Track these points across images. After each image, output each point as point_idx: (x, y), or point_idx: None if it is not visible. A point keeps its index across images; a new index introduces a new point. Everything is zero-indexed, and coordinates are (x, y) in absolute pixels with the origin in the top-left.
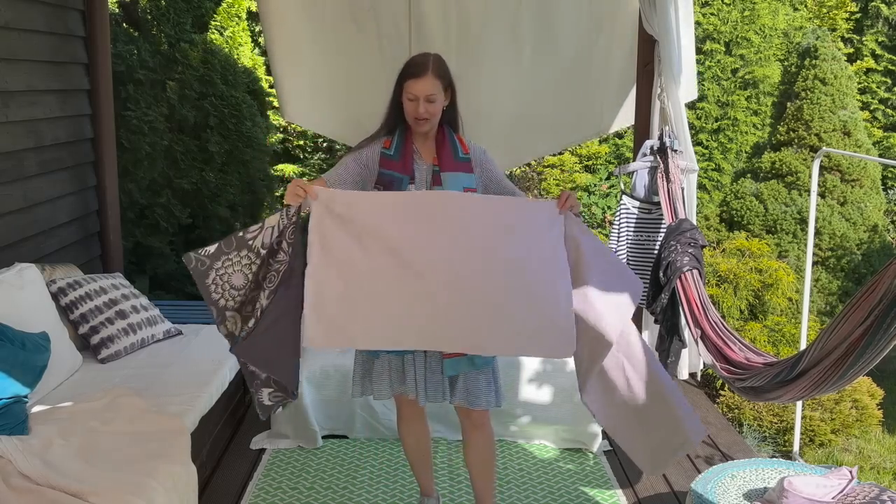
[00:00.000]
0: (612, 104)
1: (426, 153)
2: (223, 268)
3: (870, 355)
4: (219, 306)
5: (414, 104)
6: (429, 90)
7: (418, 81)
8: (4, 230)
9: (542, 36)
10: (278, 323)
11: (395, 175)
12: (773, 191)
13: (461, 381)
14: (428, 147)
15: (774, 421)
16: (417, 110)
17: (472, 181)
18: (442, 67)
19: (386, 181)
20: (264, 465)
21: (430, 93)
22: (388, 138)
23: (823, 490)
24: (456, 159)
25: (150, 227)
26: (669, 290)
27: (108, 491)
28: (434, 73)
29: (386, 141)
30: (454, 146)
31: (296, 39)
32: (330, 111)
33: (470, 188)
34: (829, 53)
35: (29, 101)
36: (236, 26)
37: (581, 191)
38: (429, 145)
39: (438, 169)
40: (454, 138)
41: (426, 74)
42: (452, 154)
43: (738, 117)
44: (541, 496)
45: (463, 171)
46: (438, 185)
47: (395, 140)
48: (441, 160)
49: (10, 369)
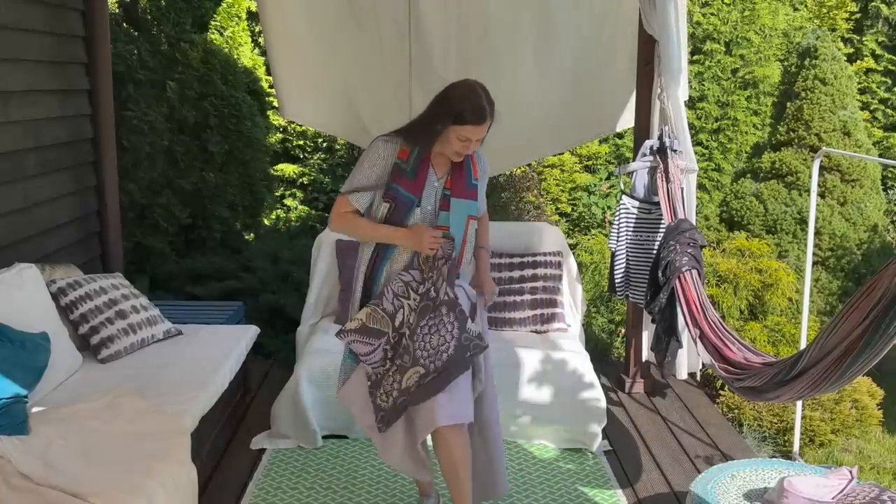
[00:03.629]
0: (614, 105)
1: (440, 167)
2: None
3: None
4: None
5: (465, 144)
6: (483, 133)
7: (477, 128)
8: (4, 230)
9: (543, 36)
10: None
11: (405, 195)
12: (773, 191)
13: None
14: (442, 161)
15: (774, 421)
16: (467, 150)
17: (474, 209)
18: (493, 106)
19: (394, 197)
20: (264, 465)
21: (483, 135)
22: (405, 147)
23: (823, 490)
24: (468, 186)
25: (150, 227)
26: (668, 289)
27: (108, 491)
28: (490, 117)
29: (403, 151)
30: (469, 173)
31: (296, 37)
32: (330, 109)
33: (472, 216)
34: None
35: (29, 101)
36: (236, 26)
37: (581, 191)
38: (444, 160)
39: (450, 193)
40: (470, 164)
41: (485, 123)
42: (466, 180)
43: (738, 117)
44: (541, 496)
45: (470, 198)
46: (445, 211)
47: (413, 154)
48: (454, 184)
49: (10, 369)
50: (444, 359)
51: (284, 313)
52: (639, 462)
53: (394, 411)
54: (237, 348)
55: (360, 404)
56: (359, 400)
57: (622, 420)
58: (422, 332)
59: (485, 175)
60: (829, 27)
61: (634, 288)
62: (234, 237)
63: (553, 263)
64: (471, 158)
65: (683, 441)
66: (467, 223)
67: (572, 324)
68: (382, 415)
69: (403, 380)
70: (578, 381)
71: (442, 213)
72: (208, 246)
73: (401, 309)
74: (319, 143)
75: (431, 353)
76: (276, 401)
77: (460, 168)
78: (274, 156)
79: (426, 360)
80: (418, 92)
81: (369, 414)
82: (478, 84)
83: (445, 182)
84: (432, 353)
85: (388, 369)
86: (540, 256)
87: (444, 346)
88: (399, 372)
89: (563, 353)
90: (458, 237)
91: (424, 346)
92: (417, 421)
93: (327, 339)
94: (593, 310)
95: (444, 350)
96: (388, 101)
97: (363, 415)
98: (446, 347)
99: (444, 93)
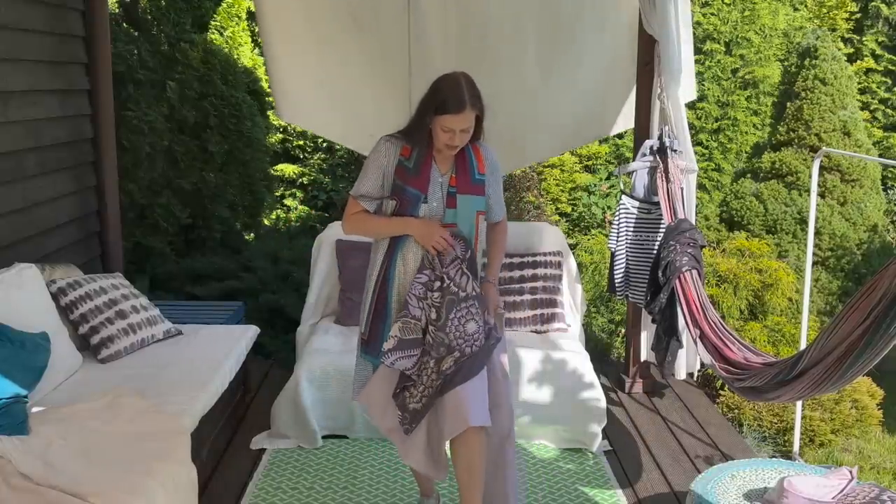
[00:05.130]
0: (616, 105)
1: (443, 164)
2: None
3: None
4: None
5: (449, 135)
6: (466, 123)
7: (457, 117)
8: (4, 230)
9: (544, 36)
10: None
11: (411, 191)
12: (773, 191)
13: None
14: (446, 157)
15: (774, 421)
16: (453, 142)
17: (482, 204)
18: (476, 96)
19: (400, 194)
20: (264, 465)
21: (467, 126)
22: (407, 146)
23: (823, 490)
24: (473, 182)
25: (150, 227)
26: (668, 290)
27: (108, 491)
28: (472, 106)
29: (405, 149)
30: (472, 167)
31: (294, 37)
32: (328, 110)
33: (480, 211)
34: (829, 53)
35: (29, 101)
36: (236, 26)
37: (581, 191)
38: (446, 155)
39: (455, 190)
40: (473, 157)
41: (465, 111)
42: (470, 176)
43: (738, 117)
44: (541, 496)
45: (477, 193)
46: (452, 208)
47: (415, 152)
48: (459, 181)
49: (10, 369)
50: (480, 343)
51: (284, 313)
52: (639, 462)
53: (424, 409)
54: (237, 348)
55: (381, 406)
56: (380, 401)
57: (622, 420)
58: (453, 323)
59: (495, 169)
60: (829, 27)
61: (634, 288)
62: (234, 237)
63: (553, 263)
64: (475, 151)
65: (683, 441)
66: (476, 219)
67: (572, 324)
68: (409, 416)
69: (441, 367)
70: (578, 381)
71: (449, 210)
72: (208, 246)
73: (423, 310)
74: (319, 143)
75: (469, 339)
76: (276, 401)
77: (463, 163)
78: (274, 156)
79: (464, 345)
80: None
81: (390, 416)
82: (463, 75)
83: (450, 179)
84: (469, 339)
85: (425, 364)
86: (540, 256)
87: (478, 334)
88: (436, 364)
89: (563, 353)
90: (469, 233)
91: (461, 335)
92: (447, 421)
93: (327, 339)
94: (593, 310)
95: (481, 337)
96: (387, 101)
97: (383, 417)
98: (481, 336)
99: (431, 85)
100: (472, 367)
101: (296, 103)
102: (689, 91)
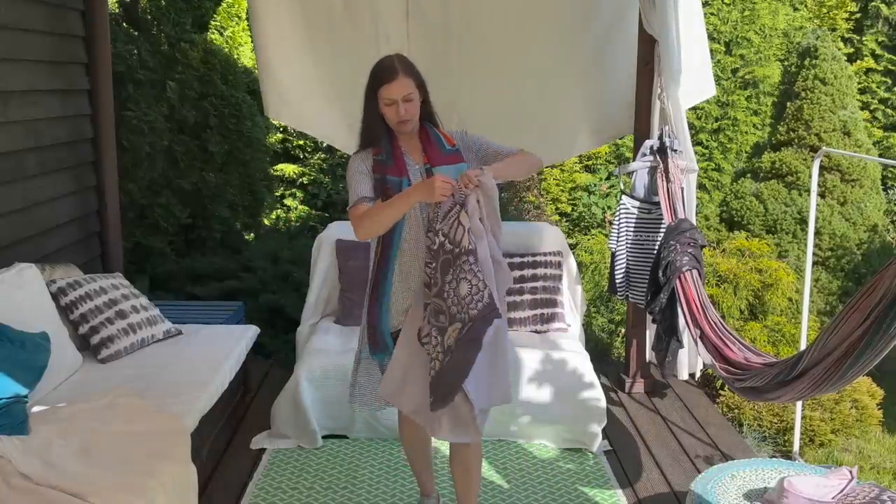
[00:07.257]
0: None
1: (414, 153)
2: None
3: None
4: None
5: (393, 108)
6: (405, 90)
7: (392, 85)
8: (4, 230)
9: (545, 36)
10: None
11: (393, 179)
12: (773, 191)
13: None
14: (414, 146)
15: (774, 421)
16: (398, 113)
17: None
18: (409, 66)
19: (383, 186)
20: (264, 465)
21: (406, 92)
22: (375, 148)
23: (823, 490)
24: (444, 153)
25: (150, 227)
26: (668, 289)
27: (108, 491)
28: (405, 73)
29: (374, 150)
30: (439, 141)
31: (288, 37)
32: (322, 111)
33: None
34: (829, 53)
35: (29, 101)
36: (236, 26)
37: (581, 191)
38: (414, 144)
39: (430, 166)
40: (437, 134)
41: (398, 76)
42: (440, 149)
43: (738, 117)
44: (541, 496)
45: (452, 162)
46: None
47: (383, 147)
48: (430, 157)
49: (10, 369)
50: (479, 308)
51: (284, 313)
52: (639, 462)
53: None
54: (237, 348)
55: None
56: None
57: (622, 420)
58: (450, 287)
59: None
60: (829, 27)
61: (634, 288)
62: (234, 237)
63: (553, 263)
64: (440, 132)
65: (683, 441)
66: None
67: (572, 324)
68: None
69: (444, 340)
70: (578, 381)
71: None
72: (208, 246)
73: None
74: (319, 143)
75: (463, 304)
76: (276, 401)
77: (429, 141)
78: (274, 156)
79: (461, 312)
80: None
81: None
82: (395, 54)
83: (423, 160)
84: (464, 303)
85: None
86: (540, 256)
87: (477, 295)
88: (440, 333)
89: (563, 353)
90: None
91: (456, 301)
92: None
93: (327, 339)
94: (593, 310)
95: (478, 300)
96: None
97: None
98: (480, 297)
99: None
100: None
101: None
102: (709, 87)
